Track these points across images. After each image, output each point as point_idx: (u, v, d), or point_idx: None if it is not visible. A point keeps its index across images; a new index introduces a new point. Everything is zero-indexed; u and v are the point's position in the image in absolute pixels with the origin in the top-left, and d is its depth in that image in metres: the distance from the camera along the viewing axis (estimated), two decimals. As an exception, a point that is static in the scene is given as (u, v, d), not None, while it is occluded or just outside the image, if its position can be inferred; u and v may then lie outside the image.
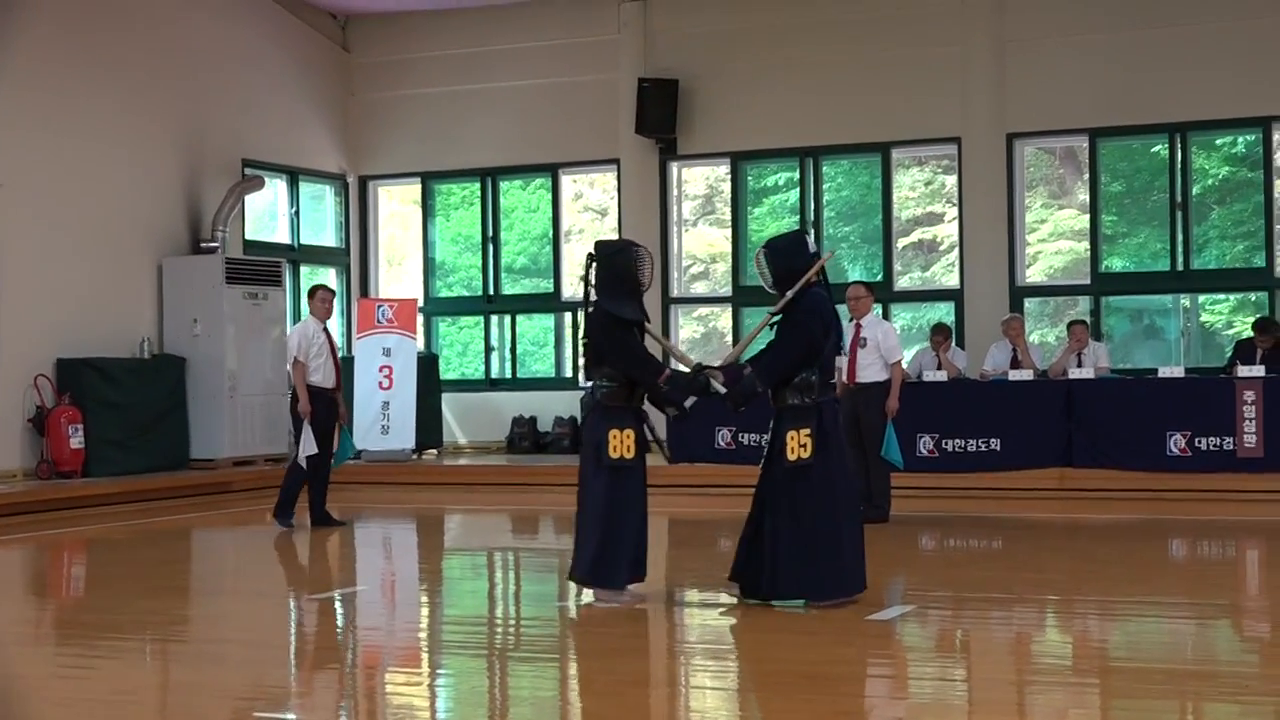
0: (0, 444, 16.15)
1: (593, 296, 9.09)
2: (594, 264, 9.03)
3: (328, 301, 13.51)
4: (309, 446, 13.05)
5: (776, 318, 8.85)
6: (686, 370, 9.09)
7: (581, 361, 9.21)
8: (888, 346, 12.99)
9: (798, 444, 8.47)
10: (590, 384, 9.06)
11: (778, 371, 8.65)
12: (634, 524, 8.93)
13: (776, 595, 8.59)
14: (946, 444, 15.50)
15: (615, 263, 8.97)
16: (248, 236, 19.61)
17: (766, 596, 8.65)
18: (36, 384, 16.52)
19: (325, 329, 13.34)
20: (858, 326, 13.07)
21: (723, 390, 8.79)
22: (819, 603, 8.52)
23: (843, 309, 10.27)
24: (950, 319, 18.43)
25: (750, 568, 8.74)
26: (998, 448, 15.23)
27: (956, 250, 18.96)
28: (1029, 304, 18.73)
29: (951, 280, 19.17)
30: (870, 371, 12.97)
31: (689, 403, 8.93)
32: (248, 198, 19.35)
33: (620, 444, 8.81)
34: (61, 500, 15.47)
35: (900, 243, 19.67)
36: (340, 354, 13.87)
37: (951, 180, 19.23)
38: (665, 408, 9.13)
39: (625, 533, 8.88)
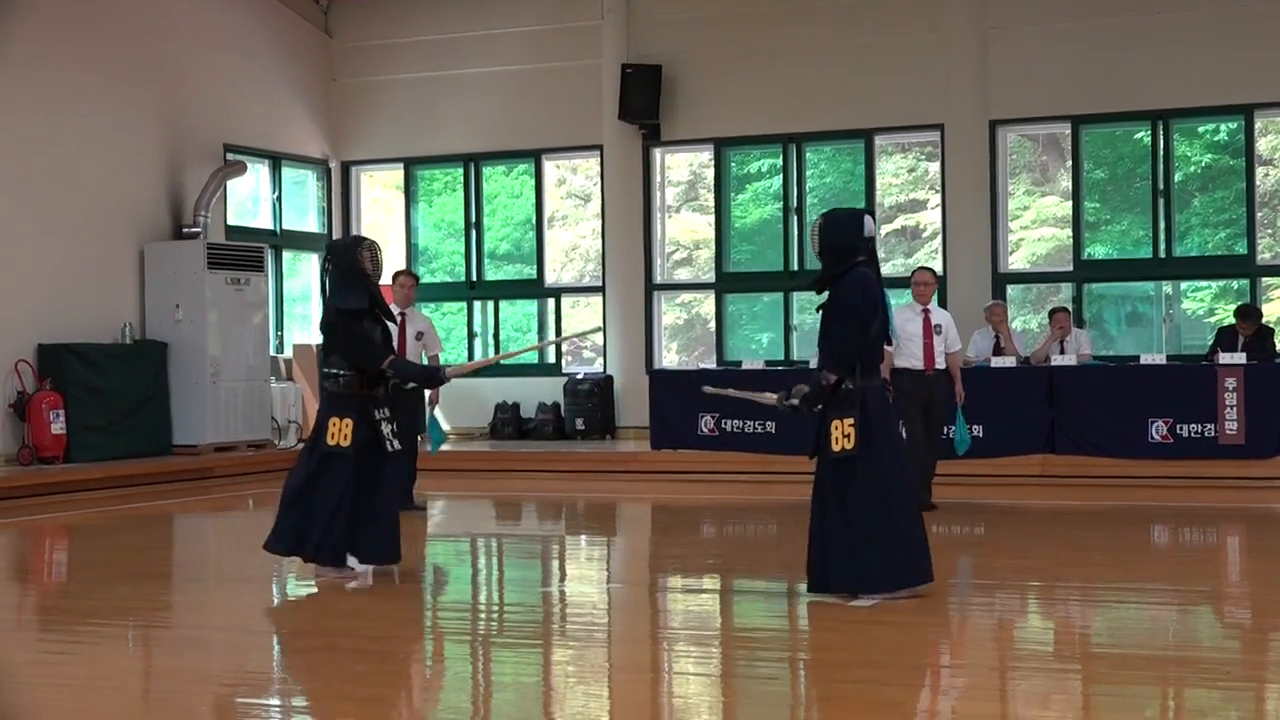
0: (-19, 429, 16.13)
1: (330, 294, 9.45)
2: (327, 264, 9.48)
3: (407, 286, 13.40)
4: None
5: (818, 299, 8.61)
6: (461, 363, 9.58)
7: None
8: (952, 335, 12.86)
9: (841, 434, 8.21)
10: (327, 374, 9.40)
11: (842, 357, 8.31)
12: (341, 506, 9.17)
13: (826, 589, 8.36)
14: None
15: (343, 259, 9.39)
16: (230, 222, 19.56)
17: (816, 589, 8.41)
18: (17, 369, 16.47)
19: (404, 315, 13.17)
20: (927, 313, 12.75)
21: (797, 402, 8.48)
22: (873, 595, 8.29)
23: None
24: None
25: (812, 561, 8.48)
26: (980, 434, 15.26)
27: (939, 237, 18.99)
28: (1011, 291, 18.76)
29: (934, 267, 19.11)
30: (945, 358, 12.78)
31: (409, 385, 9.66)
32: (230, 183, 19.29)
33: (338, 432, 9.16)
34: (43, 486, 15.42)
35: (883, 229, 19.67)
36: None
37: (934, 167, 19.25)
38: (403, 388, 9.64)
39: (333, 512, 9.17)
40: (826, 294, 8.49)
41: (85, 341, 17.08)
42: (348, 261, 9.34)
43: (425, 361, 13.10)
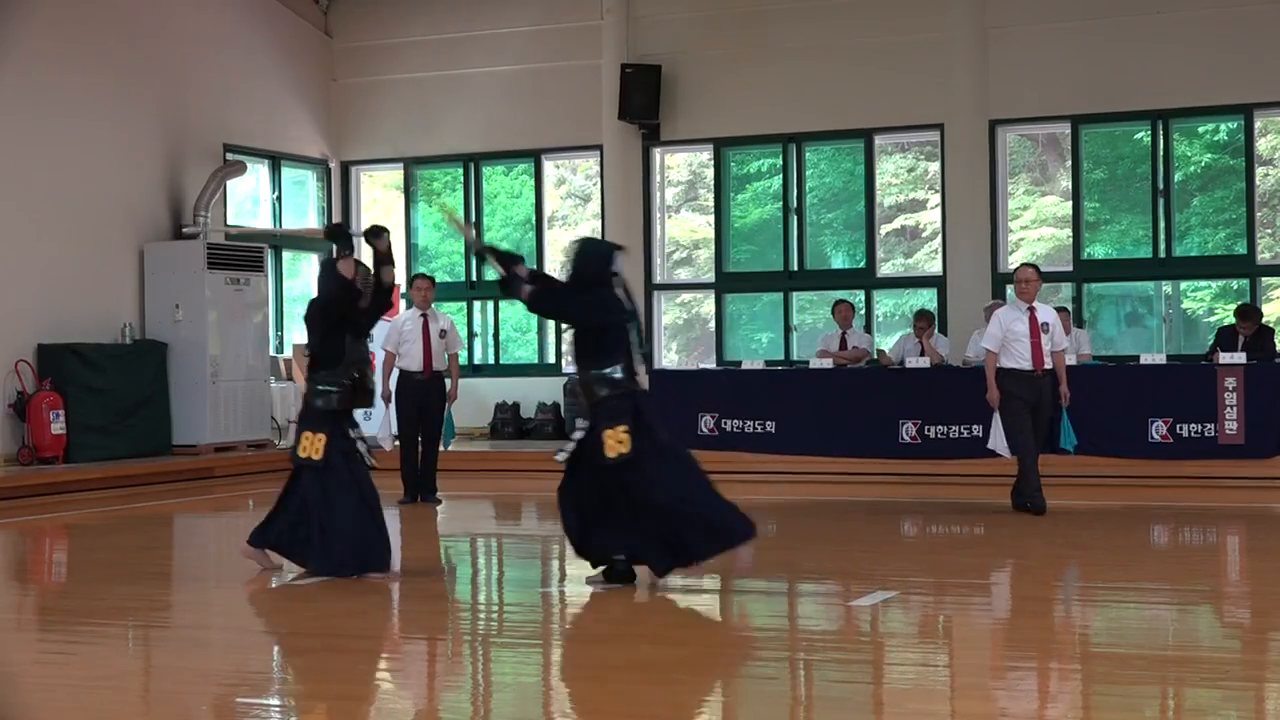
0: (-19, 429, 16.12)
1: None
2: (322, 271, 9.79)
3: (424, 288, 14.17)
4: (386, 429, 14.11)
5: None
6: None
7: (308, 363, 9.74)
8: (1059, 333, 12.60)
9: (615, 441, 8.72)
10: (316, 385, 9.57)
11: (540, 303, 9.21)
12: (332, 520, 9.34)
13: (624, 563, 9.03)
14: (929, 430, 15.53)
15: (323, 278, 9.74)
16: (230, 222, 19.56)
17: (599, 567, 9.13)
18: (17, 369, 16.47)
19: (425, 316, 13.95)
20: (1033, 311, 12.54)
21: (501, 273, 9.28)
22: (686, 564, 8.97)
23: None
24: (933, 305, 18.46)
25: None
26: (980, 434, 15.24)
27: (939, 237, 18.99)
28: (1011, 290, 18.73)
29: (934, 267, 19.20)
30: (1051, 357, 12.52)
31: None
32: (229, 183, 19.29)
33: (310, 446, 9.34)
34: (43, 486, 15.42)
35: (883, 229, 19.68)
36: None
37: (934, 167, 19.25)
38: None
39: (316, 524, 9.35)
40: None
41: (85, 341, 17.08)
42: (331, 285, 9.59)
43: (446, 360, 14.05)
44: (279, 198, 20.60)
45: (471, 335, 20.88)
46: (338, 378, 9.46)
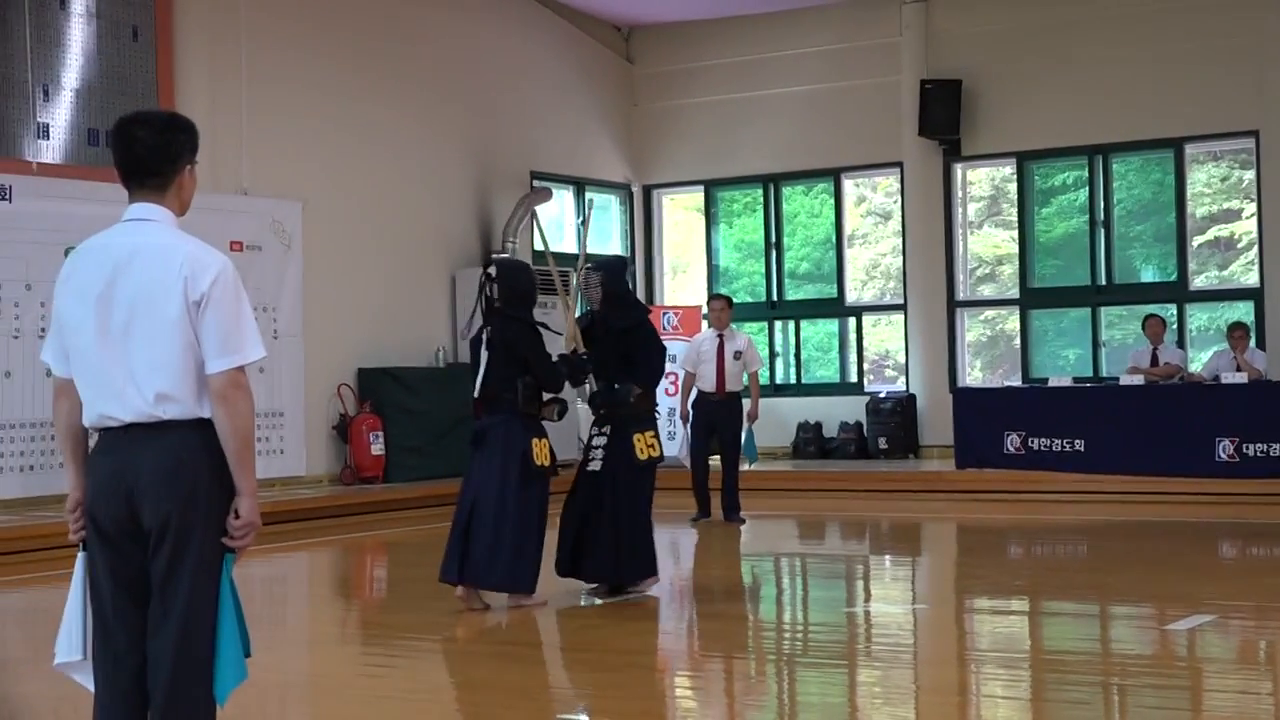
0: (308, 450, 16.81)
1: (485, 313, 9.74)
2: (494, 280, 9.44)
3: (717, 310, 14.49)
4: (683, 447, 14.43)
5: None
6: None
7: (484, 370, 9.81)
8: None
9: (645, 444, 9.44)
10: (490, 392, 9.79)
11: (655, 382, 9.76)
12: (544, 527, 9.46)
13: (624, 580, 9.47)
14: (1248, 448, 14.95)
15: (521, 280, 9.54)
16: (536, 247, 20.05)
17: (612, 581, 9.48)
18: (340, 393, 17.17)
19: (721, 336, 14.22)
20: None
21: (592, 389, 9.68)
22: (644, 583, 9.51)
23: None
24: (1250, 319, 17.76)
25: (595, 557, 9.44)
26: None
27: (1255, 248, 18.30)
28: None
29: (1251, 279, 18.49)
30: None
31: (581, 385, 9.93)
32: (536, 208, 19.77)
33: (541, 452, 9.45)
34: (363, 505, 16.00)
35: (1195, 241, 19.05)
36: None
37: (1249, 175, 18.56)
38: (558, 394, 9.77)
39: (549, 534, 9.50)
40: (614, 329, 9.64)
41: (402, 365, 17.70)
42: (527, 282, 9.56)
43: (745, 380, 14.34)
44: (584, 222, 21.02)
45: (773, 355, 20.96)
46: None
